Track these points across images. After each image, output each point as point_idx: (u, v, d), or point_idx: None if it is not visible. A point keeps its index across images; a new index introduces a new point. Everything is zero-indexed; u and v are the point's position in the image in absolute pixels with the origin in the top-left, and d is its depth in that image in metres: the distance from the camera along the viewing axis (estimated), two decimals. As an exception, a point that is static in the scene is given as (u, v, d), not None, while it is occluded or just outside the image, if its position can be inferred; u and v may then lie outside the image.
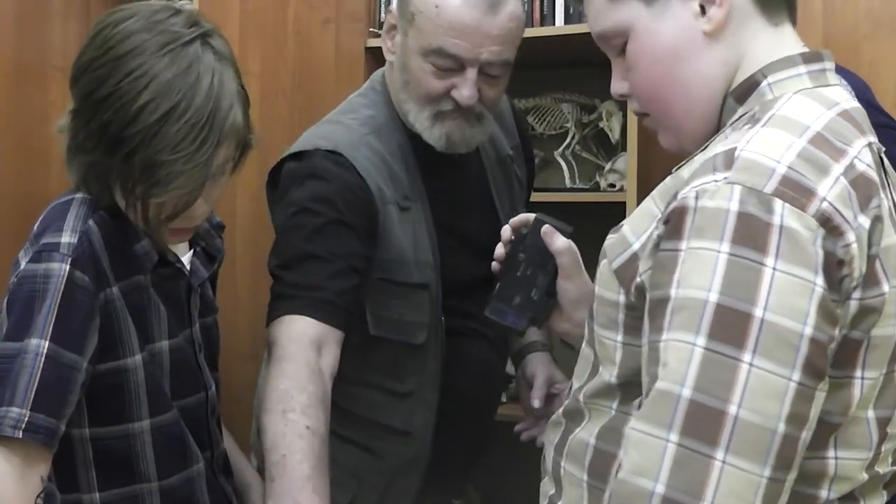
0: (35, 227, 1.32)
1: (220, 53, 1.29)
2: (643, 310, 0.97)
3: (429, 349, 1.66)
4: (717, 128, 1.07)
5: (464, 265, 1.67)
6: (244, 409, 2.21)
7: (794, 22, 1.09)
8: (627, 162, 2.21)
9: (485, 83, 1.60)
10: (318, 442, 1.39)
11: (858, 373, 0.95)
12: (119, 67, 1.25)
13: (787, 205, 0.89)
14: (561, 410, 1.13)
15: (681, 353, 0.88)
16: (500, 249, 1.30)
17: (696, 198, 0.92)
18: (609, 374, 1.04)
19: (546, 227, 1.24)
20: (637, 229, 1.02)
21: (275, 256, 1.57)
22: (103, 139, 1.26)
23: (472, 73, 1.57)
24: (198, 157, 1.24)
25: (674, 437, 0.87)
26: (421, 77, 1.59)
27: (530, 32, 1.75)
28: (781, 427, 0.86)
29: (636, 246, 1.01)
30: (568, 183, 2.53)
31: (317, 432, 1.40)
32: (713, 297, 0.88)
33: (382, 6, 2.52)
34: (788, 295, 0.87)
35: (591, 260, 1.20)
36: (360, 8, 2.49)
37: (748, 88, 1.05)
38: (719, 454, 0.85)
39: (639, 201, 1.41)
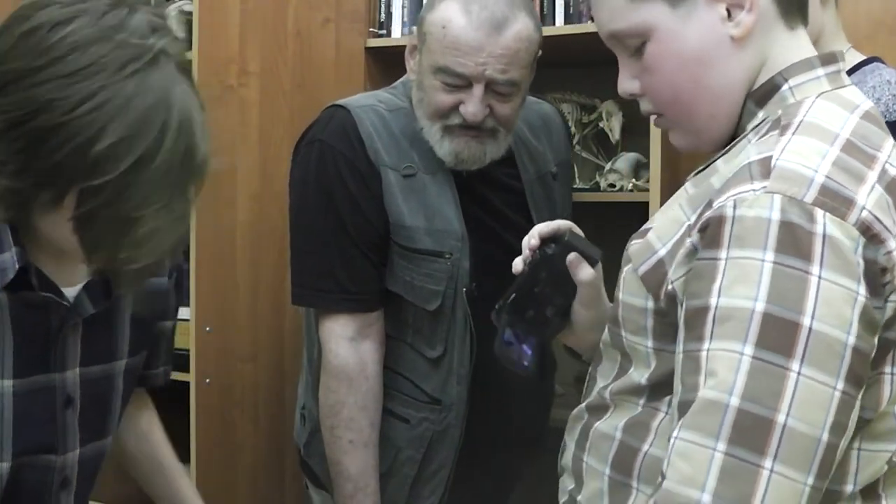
0: None
1: (179, 62, 1.00)
2: (675, 316, 0.97)
3: (449, 318, 1.71)
4: (736, 130, 1.07)
5: (498, 252, 1.63)
6: (245, 412, 2.21)
7: (805, 24, 1.09)
8: (651, 159, 2.20)
9: (495, 100, 1.64)
10: (359, 452, 1.70)
11: (888, 368, 0.95)
12: (69, 88, 0.92)
13: (828, 214, 0.89)
14: (584, 405, 1.13)
15: (729, 363, 0.88)
16: (526, 250, 1.22)
17: (735, 207, 0.91)
18: (640, 376, 1.04)
19: (572, 257, 1.18)
20: (663, 236, 1.02)
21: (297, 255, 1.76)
22: (44, 187, 0.96)
23: (478, 90, 1.62)
24: (177, 208, 0.98)
25: (721, 446, 0.87)
26: (431, 93, 1.66)
27: (530, 32, 1.76)
28: (826, 436, 0.87)
29: (662, 252, 1.01)
30: (568, 183, 2.52)
31: (358, 442, 1.70)
32: (760, 306, 0.88)
33: (382, 6, 2.52)
34: (834, 304, 0.88)
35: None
36: (360, 8, 2.50)
37: (768, 91, 1.04)
38: (767, 462, 0.86)
39: (662, 200, 1.41)
